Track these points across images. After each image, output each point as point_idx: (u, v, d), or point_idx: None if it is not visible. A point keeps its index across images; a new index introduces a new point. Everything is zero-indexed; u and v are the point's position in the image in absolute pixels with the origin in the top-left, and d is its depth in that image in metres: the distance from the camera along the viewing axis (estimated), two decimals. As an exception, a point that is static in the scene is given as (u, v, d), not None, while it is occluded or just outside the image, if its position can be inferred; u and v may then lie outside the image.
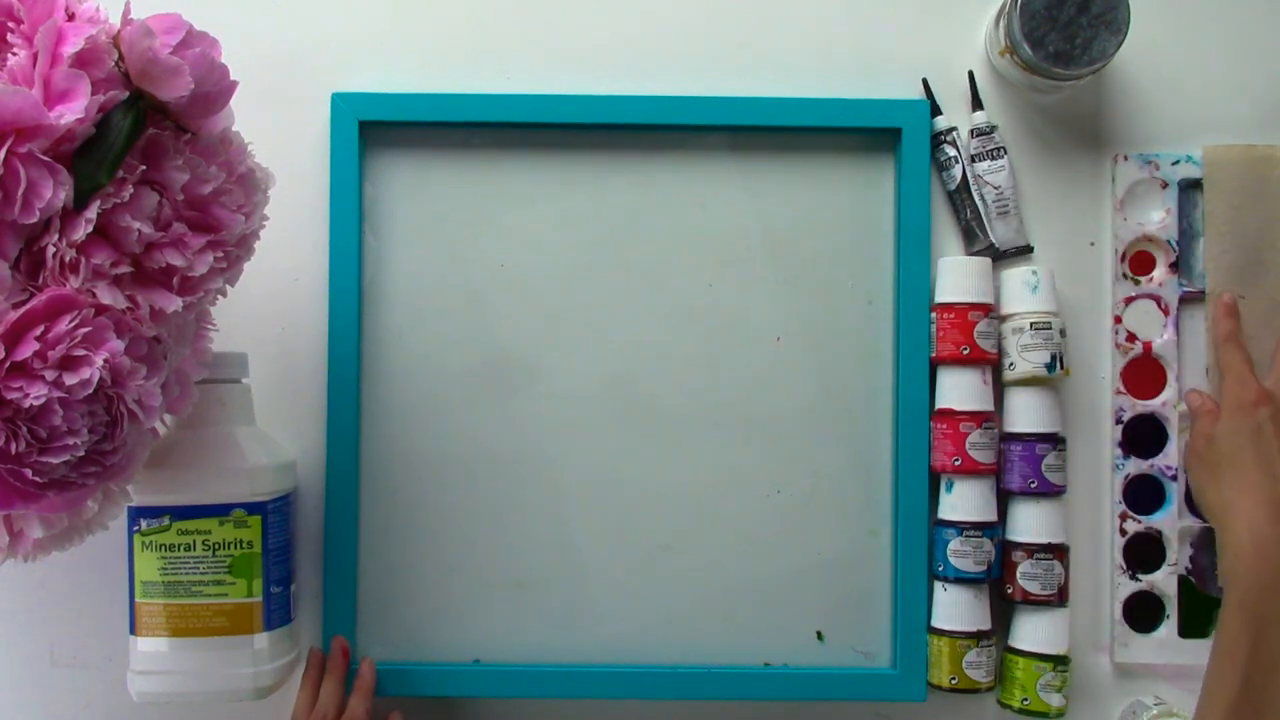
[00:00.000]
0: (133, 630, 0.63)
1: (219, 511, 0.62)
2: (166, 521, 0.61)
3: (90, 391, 0.46)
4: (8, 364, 0.44)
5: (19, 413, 0.45)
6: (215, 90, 0.49)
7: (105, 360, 0.46)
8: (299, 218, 0.69)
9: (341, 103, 0.69)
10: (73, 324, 0.46)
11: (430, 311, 0.70)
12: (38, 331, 0.45)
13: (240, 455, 0.63)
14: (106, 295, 0.47)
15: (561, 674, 0.68)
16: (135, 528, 0.62)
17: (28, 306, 0.45)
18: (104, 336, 0.47)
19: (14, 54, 0.45)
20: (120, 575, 0.67)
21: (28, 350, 0.44)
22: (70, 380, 0.45)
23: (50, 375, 0.45)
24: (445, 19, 0.71)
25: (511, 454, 0.70)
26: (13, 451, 0.45)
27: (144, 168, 0.48)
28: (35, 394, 0.44)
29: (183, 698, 0.62)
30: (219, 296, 0.56)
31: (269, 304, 0.70)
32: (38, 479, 0.46)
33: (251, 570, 0.63)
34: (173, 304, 0.49)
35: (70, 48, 0.45)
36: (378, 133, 0.70)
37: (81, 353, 0.46)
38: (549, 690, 0.68)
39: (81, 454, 0.47)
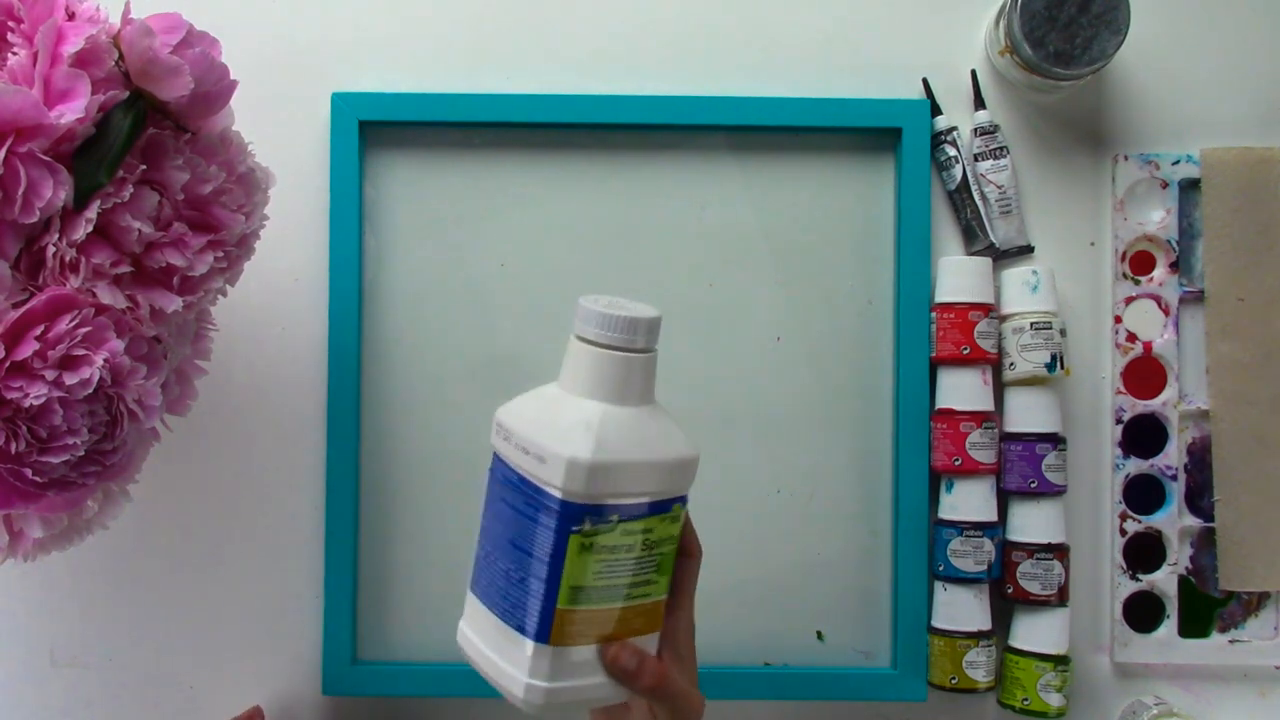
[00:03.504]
0: (545, 638, 0.51)
1: (662, 508, 0.52)
2: (614, 520, 0.51)
3: (90, 391, 0.46)
4: (8, 363, 0.44)
5: (19, 412, 0.45)
6: (215, 90, 0.49)
7: (105, 360, 0.46)
8: (299, 218, 0.69)
9: (341, 103, 0.69)
10: (73, 323, 0.45)
11: (430, 311, 0.70)
12: (38, 331, 0.45)
13: (680, 443, 0.53)
14: (106, 295, 0.47)
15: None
16: (576, 528, 0.50)
17: (28, 306, 0.45)
18: (104, 336, 0.47)
19: (14, 53, 0.45)
20: (121, 575, 0.67)
21: (28, 350, 0.44)
22: (70, 380, 0.45)
23: (50, 375, 0.45)
24: (445, 19, 0.71)
25: (511, 454, 0.70)
26: (13, 451, 0.45)
27: (144, 167, 0.48)
28: (35, 394, 0.44)
29: (586, 703, 0.54)
30: (219, 296, 0.56)
31: (269, 304, 0.70)
32: (38, 479, 0.46)
33: (669, 567, 0.54)
34: (173, 304, 0.49)
35: (70, 47, 0.45)
36: (378, 133, 0.70)
37: (81, 352, 0.46)
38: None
39: (81, 454, 0.47)
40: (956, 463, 0.67)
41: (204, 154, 0.51)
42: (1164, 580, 0.69)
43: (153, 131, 0.48)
